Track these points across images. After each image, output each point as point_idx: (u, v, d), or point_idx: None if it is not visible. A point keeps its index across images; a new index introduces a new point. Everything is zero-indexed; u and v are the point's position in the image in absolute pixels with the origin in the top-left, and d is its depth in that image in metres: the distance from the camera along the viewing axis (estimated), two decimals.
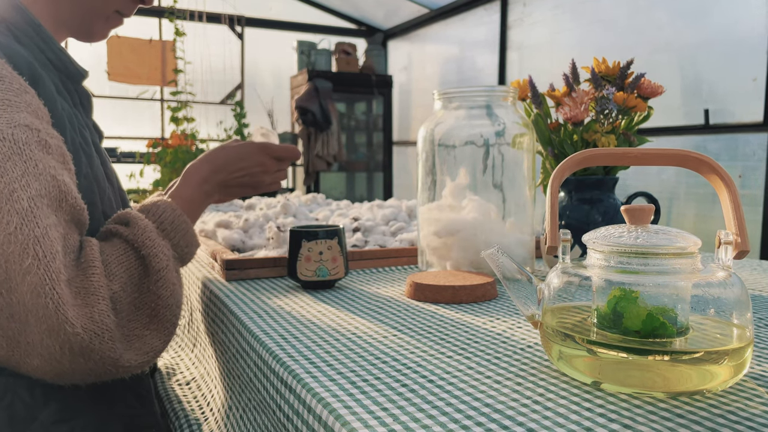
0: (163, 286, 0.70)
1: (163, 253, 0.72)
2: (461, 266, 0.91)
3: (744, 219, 0.55)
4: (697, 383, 0.48)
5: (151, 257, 0.70)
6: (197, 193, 0.88)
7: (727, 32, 2.51)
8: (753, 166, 2.43)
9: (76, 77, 0.84)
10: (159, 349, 0.69)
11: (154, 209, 0.77)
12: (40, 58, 0.77)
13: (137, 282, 0.69)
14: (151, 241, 0.71)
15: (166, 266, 0.71)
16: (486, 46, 4.03)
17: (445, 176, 0.93)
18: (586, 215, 1.00)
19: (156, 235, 0.73)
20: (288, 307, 0.78)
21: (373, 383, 0.51)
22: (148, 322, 0.68)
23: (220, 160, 0.90)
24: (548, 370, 0.55)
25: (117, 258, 0.68)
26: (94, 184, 0.77)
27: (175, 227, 0.77)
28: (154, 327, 0.69)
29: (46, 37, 0.78)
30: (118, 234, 0.72)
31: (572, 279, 0.54)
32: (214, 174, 0.90)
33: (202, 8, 4.52)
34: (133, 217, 0.73)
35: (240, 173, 0.91)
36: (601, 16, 3.11)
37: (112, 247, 0.69)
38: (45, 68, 0.77)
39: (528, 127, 0.92)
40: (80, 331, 0.59)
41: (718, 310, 0.50)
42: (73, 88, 0.84)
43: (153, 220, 0.75)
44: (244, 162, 0.91)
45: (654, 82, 1.02)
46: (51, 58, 0.79)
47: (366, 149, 5.31)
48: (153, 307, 0.69)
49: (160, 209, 0.77)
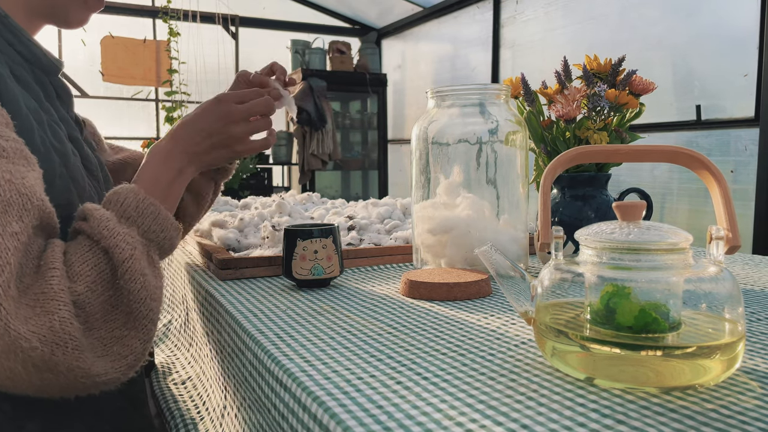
0: (131, 278, 0.63)
1: (125, 242, 0.64)
2: (455, 264, 0.91)
3: (735, 214, 0.55)
4: (689, 378, 0.48)
5: (112, 248, 0.63)
6: (163, 171, 0.78)
7: (719, 28, 2.52)
8: (744, 161, 2.45)
9: (50, 69, 0.81)
10: (139, 351, 0.64)
11: (114, 197, 0.69)
12: (7, 52, 0.74)
13: (108, 279, 0.63)
14: (109, 231, 0.64)
15: (130, 256, 0.64)
16: (479, 44, 4.03)
17: (439, 174, 0.93)
18: (578, 212, 1.01)
19: (115, 224, 0.65)
20: (283, 305, 0.78)
21: (368, 381, 0.52)
22: (125, 321, 0.63)
23: (179, 130, 0.81)
24: (542, 366, 0.55)
25: (81, 256, 0.62)
26: (70, 183, 0.73)
27: (140, 212, 0.69)
28: (131, 326, 0.63)
29: (14, 28, 0.75)
30: (80, 231, 0.66)
31: (565, 275, 0.54)
32: (176, 145, 0.80)
33: (195, 8, 4.50)
34: (89, 210, 0.67)
35: (203, 135, 0.80)
36: (593, 14, 3.11)
37: (76, 246, 0.64)
38: (14, 62, 0.74)
39: (521, 125, 0.93)
40: (37, 345, 0.54)
41: (710, 305, 0.51)
42: (47, 80, 0.81)
43: (114, 209, 0.68)
44: (202, 121, 0.81)
45: (646, 79, 1.03)
46: (21, 51, 0.76)
47: (361, 148, 5.31)
48: (126, 304, 0.63)
49: (121, 196, 0.69)
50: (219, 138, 0.81)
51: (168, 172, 0.78)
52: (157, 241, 0.70)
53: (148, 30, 4.55)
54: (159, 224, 0.70)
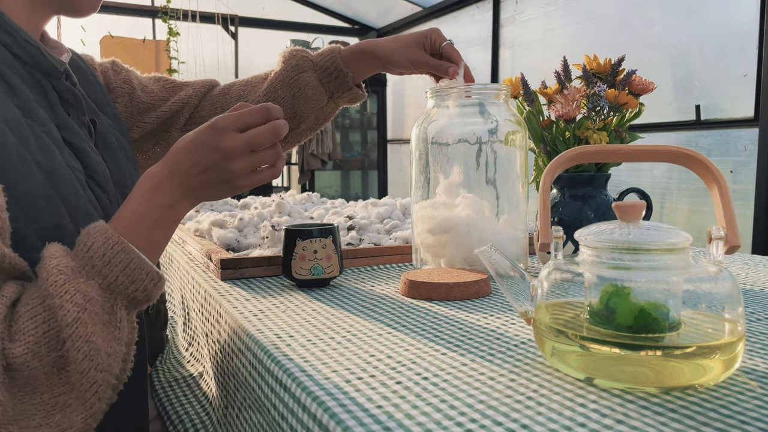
0: (74, 345, 0.55)
1: (72, 302, 0.55)
2: (455, 263, 0.91)
3: (734, 214, 0.55)
4: (689, 378, 0.48)
5: (56, 309, 0.55)
6: (148, 207, 0.65)
7: (718, 28, 2.52)
8: (744, 161, 2.45)
9: (51, 72, 0.74)
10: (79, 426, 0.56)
11: (84, 239, 0.60)
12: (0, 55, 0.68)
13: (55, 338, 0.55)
14: (56, 288, 0.55)
15: (75, 320, 0.55)
16: (479, 44, 4.03)
17: (439, 174, 0.93)
18: (578, 212, 1.01)
19: (67, 277, 0.56)
20: (283, 305, 0.78)
21: (367, 381, 0.52)
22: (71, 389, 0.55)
23: (171, 158, 0.67)
24: (542, 366, 0.55)
25: (31, 310, 0.55)
26: (59, 203, 0.66)
27: (107, 261, 0.59)
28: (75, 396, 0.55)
29: (10, 27, 0.69)
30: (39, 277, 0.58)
31: (565, 275, 0.54)
32: (169, 177, 0.66)
33: (195, 8, 4.51)
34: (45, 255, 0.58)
35: (197, 168, 0.67)
36: (592, 14, 3.11)
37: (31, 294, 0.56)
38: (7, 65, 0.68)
39: (520, 125, 0.93)
40: None
41: (709, 305, 0.51)
42: (49, 84, 0.74)
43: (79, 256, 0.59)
44: (196, 152, 0.67)
45: (645, 79, 1.03)
46: (17, 53, 0.70)
47: (360, 147, 5.31)
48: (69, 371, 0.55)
49: (90, 239, 0.60)
50: (216, 174, 0.67)
51: (155, 208, 0.66)
52: (125, 294, 0.60)
53: (148, 30, 4.55)
54: (128, 275, 0.60)
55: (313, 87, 1.01)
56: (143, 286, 0.61)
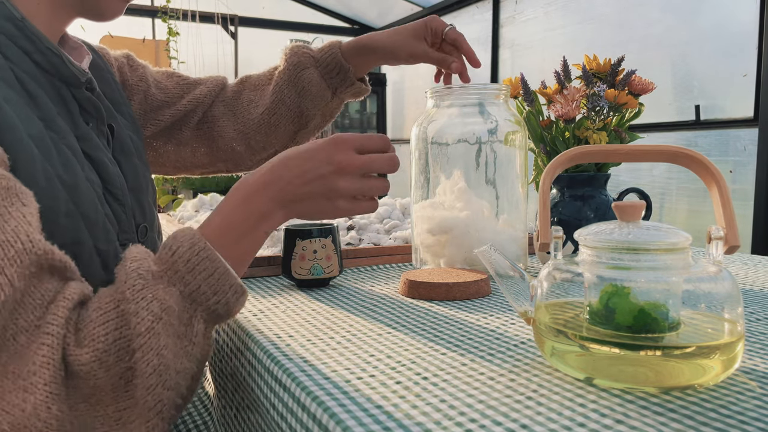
0: (143, 357, 0.51)
1: (148, 310, 0.52)
2: (455, 263, 0.91)
3: (734, 214, 0.55)
4: (688, 378, 0.48)
5: (130, 315, 0.52)
6: (241, 215, 0.63)
7: (718, 28, 2.53)
8: (744, 161, 2.45)
9: (72, 81, 0.72)
10: None
11: (170, 242, 0.57)
12: (21, 63, 0.67)
13: (125, 348, 0.51)
14: (133, 293, 0.53)
15: (148, 329, 0.52)
16: (478, 44, 4.03)
17: (439, 174, 0.93)
18: (578, 212, 1.01)
19: (146, 282, 0.54)
20: (282, 305, 0.78)
21: (367, 381, 0.52)
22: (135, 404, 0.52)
23: (275, 170, 0.65)
24: (541, 366, 0.55)
25: (103, 315, 0.52)
26: (80, 220, 0.65)
27: (191, 267, 0.56)
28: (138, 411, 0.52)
29: (32, 34, 0.67)
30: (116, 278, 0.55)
31: (564, 275, 0.54)
32: (266, 186, 0.64)
33: (195, 8, 4.50)
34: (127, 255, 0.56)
35: (304, 179, 0.64)
36: (592, 14, 3.11)
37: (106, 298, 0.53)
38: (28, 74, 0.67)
39: (520, 125, 0.93)
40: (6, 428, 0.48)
41: (709, 305, 0.51)
42: (69, 94, 0.72)
43: (163, 260, 0.56)
44: (308, 161, 0.65)
45: (645, 79, 1.03)
46: (38, 61, 0.68)
47: None
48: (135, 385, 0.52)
49: (176, 242, 0.57)
50: (321, 188, 0.65)
51: (248, 218, 0.63)
52: (206, 306, 0.56)
53: (147, 30, 4.55)
54: (211, 285, 0.56)
55: (316, 84, 1.01)
56: (225, 298, 0.57)
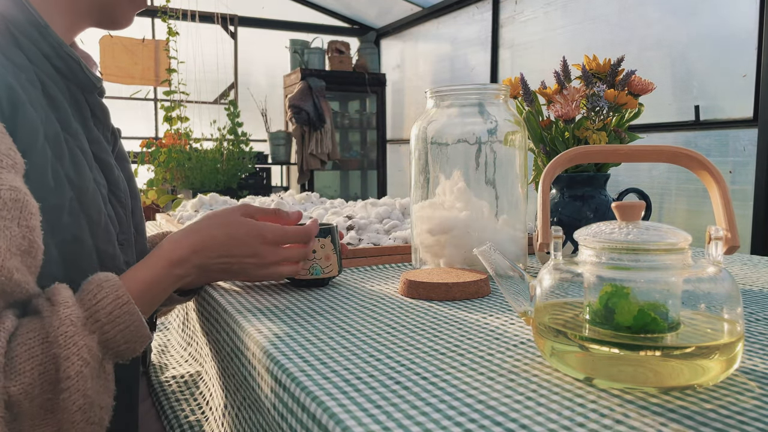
0: (70, 398, 0.56)
1: (78, 356, 0.57)
2: (454, 263, 0.91)
3: (734, 214, 0.55)
4: (688, 378, 0.48)
5: (62, 359, 0.56)
6: (164, 276, 0.72)
7: (718, 29, 2.53)
8: (743, 161, 2.45)
9: (87, 87, 0.76)
10: None
11: (95, 292, 0.62)
12: (42, 65, 0.70)
13: (50, 382, 0.56)
14: (66, 340, 0.57)
15: (77, 373, 0.57)
16: (478, 44, 4.03)
17: (439, 174, 0.93)
18: (577, 212, 1.01)
19: (77, 330, 0.58)
20: (282, 305, 0.78)
21: (366, 381, 0.52)
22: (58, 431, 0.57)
23: (205, 241, 0.75)
24: (541, 366, 0.55)
25: (29, 350, 0.56)
26: (83, 218, 0.69)
27: (113, 319, 0.62)
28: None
29: (53, 40, 0.70)
30: (41, 316, 0.59)
31: (564, 275, 0.54)
32: (194, 254, 0.74)
33: (194, 8, 4.50)
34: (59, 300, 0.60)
35: (225, 260, 0.76)
36: (592, 14, 3.11)
37: (29, 334, 0.57)
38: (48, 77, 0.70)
39: (520, 125, 0.93)
40: None
41: (708, 306, 0.51)
42: (83, 98, 0.76)
43: (87, 307, 0.61)
44: (235, 249, 0.76)
45: (645, 79, 1.03)
46: (57, 66, 0.72)
47: (360, 147, 5.31)
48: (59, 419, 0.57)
49: (101, 293, 0.62)
50: (242, 269, 0.78)
51: (169, 278, 0.73)
52: (116, 351, 0.63)
53: (147, 29, 4.55)
54: (125, 336, 0.63)
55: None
56: (132, 346, 0.65)
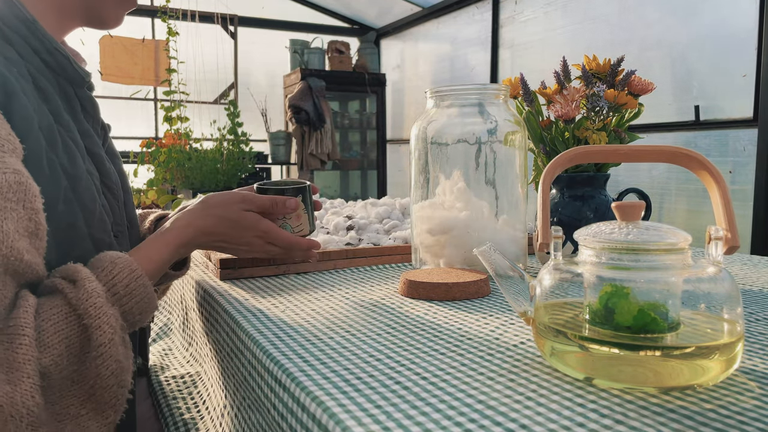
0: (103, 363, 0.60)
1: (108, 324, 0.61)
2: (454, 264, 0.91)
3: (734, 215, 0.55)
4: (688, 378, 0.48)
5: (93, 329, 0.60)
6: (172, 255, 0.78)
7: (718, 29, 2.53)
8: (743, 161, 2.45)
9: (77, 80, 0.77)
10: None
11: (110, 268, 0.66)
12: (32, 60, 0.71)
13: (76, 354, 0.60)
14: (96, 310, 0.61)
15: (110, 340, 0.61)
16: (478, 44, 4.03)
17: (438, 174, 0.93)
18: (577, 212, 1.01)
19: (104, 301, 0.62)
20: (282, 305, 0.78)
21: (366, 381, 0.52)
22: (85, 401, 0.60)
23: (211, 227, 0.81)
24: (541, 366, 0.55)
25: (55, 325, 0.59)
26: (77, 207, 0.70)
27: (129, 292, 0.66)
28: (90, 407, 0.60)
29: (42, 35, 0.72)
30: (62, 293, 0.62)
31: (564, 275, 0.54)
32: (200, 236, 0.80)
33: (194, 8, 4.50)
34: (81, 276, 0.63)
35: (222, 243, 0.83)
36: (592, 14, 3.11)
37: (52, 310, 0.60)
38: (38, 71, 0.72)
39: (520, 125, 0.93)
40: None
41: (708, 306, 0.51)
42: (72, 92, 0.78)
43: (104, 282, 0.65)
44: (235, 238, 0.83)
45: (644, 79, 1.03)
46: (47, 60, 0.73)
47: (360, 147, 5.31)
48: (91, 385, 0.60)
49: (116, 269, 0.66)
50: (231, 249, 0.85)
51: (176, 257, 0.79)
52: (131, 322, 0.67)
53: (147, 29, 4.54)
54: (140, 307, 0.67)
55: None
56: (145, 317, 0.69)
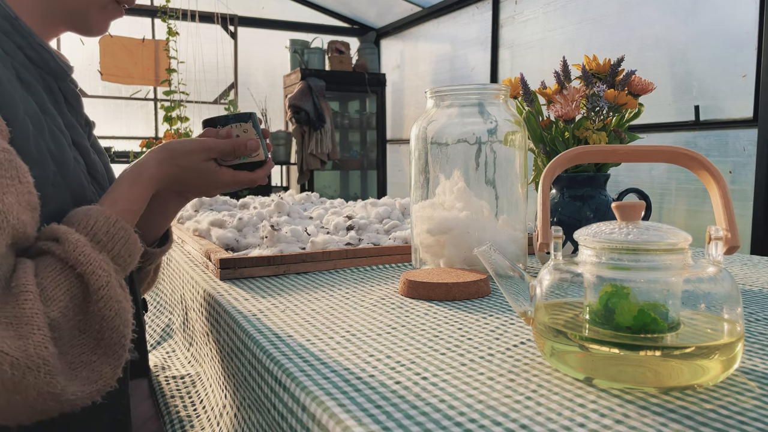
0: (106, 305, 0.62)
1: (101, 269, 0.63)
2: (454, 264, 0.91)
3: (734, 214, 0.55)
4: (688, 378, 0.48)
5: (88, 275, 0.62)
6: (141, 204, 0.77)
7: (717, 29, 2.53)
8: (743, 161, 2.45)
9: (60, 75, 0.80)
10: (109, 376, 0.63)
11: (86, 220, 0.67)
12: (15, 55, 0.73)
13: (79, 303, 0.62)
14: (86, 257, 0.63)
15: (106, 283, 0.63)
16: (478, 44, 4.03)
17: (438, 174, 0.93)
18: (577, 212, 1.01)
19: (90, 249, 0.64)
20: (282, 305, 0.78)
21: (366, 381, 0.52)
22: (95, 347, 0.62)
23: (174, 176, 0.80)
24: (541, 366, 0.55)
25: (53, 279, 0.61)
26: (66, 192, 0.72)
27: (111, 237, 0.67)
28: (101, 352, 0.62)
29: (25, 32, 0.74)
30: (50, 252, 0.63)
31: (564, 275, 0.54)
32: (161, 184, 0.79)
33: (194, 8, 4.50)
34: (62, 232, 0.64)
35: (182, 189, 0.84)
36: (592, 14, 3.11)
37: (47, 268, 0.62)
38: (22, 66, 0.73)
39: (520, 125, 0.93)
40: (7, 369, 0.53)
41: (708, 306, 0.51)
42: (57, 86, 0.80)
43: (85, 233, 0.66)
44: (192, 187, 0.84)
45: (644, 79, 1.03)
46: (30, 55, 0.75)
47: (359, 147, 5.31)
48: (98, 330, 0.62)
49: (92, 220, 0.67)
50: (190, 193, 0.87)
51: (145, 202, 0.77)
52: (123, 265, 0.68)
53: (147, 29, 4.54)
54: (127, 249, 0.69)
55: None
56: (135, 257, 0.70)
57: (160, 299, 1.31)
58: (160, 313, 1.27)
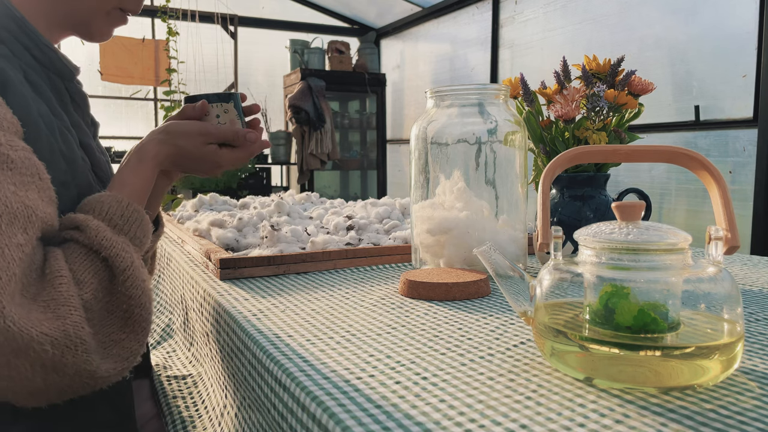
0: (133, 285, 0.66)
1: (124, 251, 0.67)
2: (454, 264, 0.91)
3: (734, 215, 0.55)
4: (688, 378, 0.48)
5: (113, 258, 0.66)
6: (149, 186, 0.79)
7: (718, 29, 2.53)
8: (743, 161, 2.45)
9: (66, 75, 0.81)
10: (136, 351, 0.66)
11: (100, 207, 0.69)
12: (23, 56, 0.74)
13: (107, 286, 0.65)
14: (108, 242, 0.66)
15: (131, 264, 0.67)
16: (478, 44, 4.03)
17: (438, 174, 0.93)
18: (577, 212, 1.01)
19: (111, 233, 0.67)
20: (282, 305, 0.78)
21: (366, 381, 0.52)
22: (123, 325, 0.65)
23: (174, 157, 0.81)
24: (541, 366, 0.55)
25: (82, 264, 0.64)
26: (76, 191, 0.74)
27: (126, 220, 0.70)
28: (129, 329, 0.66)
29: (31, 33, 0.75)
30: (73, 239, 0.66)
31: (564, 275, 0.54)
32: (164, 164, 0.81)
33: (194, 8, 4.50)
34: (81, 220, 0.67)
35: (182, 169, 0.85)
36: (592, 14, 3.11)
37: (74, 254, 0.65)
38: (30, 67, 0.75)
39: (520, 125, 0.93)
40: (48, 348, 0.56)
41: (708, 306, 0.51)
42: (63, 86, 0.81)
43: (101, 219, 0.68)
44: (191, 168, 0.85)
45: (644, 79, 1.03)
46: (37, 56, 0.76)
47: (360, 147, 5.31)
48: (126, 309, 0.66)
49: (105, 206, 0.70)
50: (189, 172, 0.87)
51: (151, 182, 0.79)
52: (140, 246, 0.72)
53: (147, 29, 4.54)
54: (142, 230, 0.72)
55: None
56: (148, 238, 0.73)
57: (160, 299, 1.31)
58: (160, 313, 1.27)
